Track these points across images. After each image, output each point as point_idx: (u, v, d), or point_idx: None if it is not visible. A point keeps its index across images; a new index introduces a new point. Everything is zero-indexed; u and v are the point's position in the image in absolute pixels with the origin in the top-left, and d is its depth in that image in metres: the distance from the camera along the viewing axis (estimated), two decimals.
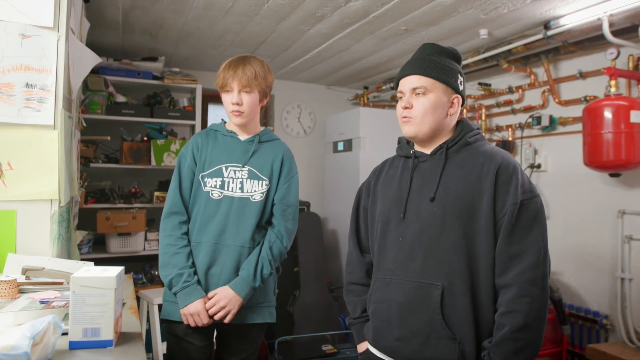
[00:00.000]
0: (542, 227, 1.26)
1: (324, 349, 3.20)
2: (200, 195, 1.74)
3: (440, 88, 1.34)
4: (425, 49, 1.41)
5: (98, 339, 1.01)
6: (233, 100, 1.73)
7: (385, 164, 1.54)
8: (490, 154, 1.32)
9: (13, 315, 1.19)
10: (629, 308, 2.75)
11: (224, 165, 1.75)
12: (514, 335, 1.19)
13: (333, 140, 4.43)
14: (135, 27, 3.13)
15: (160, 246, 1.72)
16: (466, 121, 1.42)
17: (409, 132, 1.38)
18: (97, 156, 3.47)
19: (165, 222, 1.73)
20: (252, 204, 1.74)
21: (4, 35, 1.58)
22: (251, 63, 1.75)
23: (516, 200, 1.24)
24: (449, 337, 1.24)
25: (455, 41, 3.16)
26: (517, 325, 1.18)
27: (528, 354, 1.20)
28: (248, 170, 1.75)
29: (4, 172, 1.59)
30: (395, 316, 1.32)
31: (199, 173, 1.75)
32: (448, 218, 1.28)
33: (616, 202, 2.85)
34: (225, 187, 1.73)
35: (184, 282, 1.64)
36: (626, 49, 2.66)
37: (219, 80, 1.76)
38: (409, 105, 1.36)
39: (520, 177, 1.27)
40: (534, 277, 1.21)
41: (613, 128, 2.54)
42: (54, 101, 1.64)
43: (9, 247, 1.59)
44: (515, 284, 1.21)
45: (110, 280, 1.02)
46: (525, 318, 1.18)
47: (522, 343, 1.19)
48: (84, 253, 3.20)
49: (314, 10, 2.74)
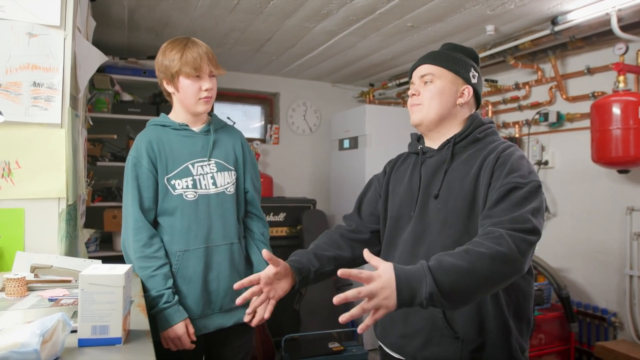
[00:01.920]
0: (536, 206, 1.14)
1: (330, 347, 3.20)
2: (171, 200, 1.61)
3: (448, 76, 1.35)
4: (442, 46, 1.44)
5: (107, 337, 1.01)
6: (207, 86, 1.62)
7: (399, 159, 1.53)
8: (493, 147, 1.28)
9: (22, 313, 1.20)
10: (638, 305, 2.73)
11: (189, 163, 1.64)
12: (460, 249, 1.07)
13: (339, 138, 4.43)
14: (141, 26, 3.13)
15: (134, 267, 1.54)
16: (477, 115, 1.38)
17: (415, 119, 1.38)
18: (103, 155, 3.48)
19: (133, 240, 1.56)
20: (228, 197, 1.68)
21: (11, 35, 1.58)
22: (201, 43, 1.65)
23: (505, 182, 1.16)
24: (452, 336, 1.22)
25: (462, 37, 3.14)
26: (470, 247, 1.05)
27: (457, 277, 1.01)
28: (215, 162, 1.68)
29: (12, 171, 1.59)
30: (399, 314, 1.30)
31: (163, 177, 1.61)
32: (449, 215, 1.26)
33: (625, 199, 2.82)
34: (198, 185, 1.63)
35: (165, 302, 1.52)
36: (635, 44, 2.64)
37: (188, 63, 1.58)
38: (416, 93, 1.37)
39: (517, 163, 1.20)
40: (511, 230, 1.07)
41: (622, 124, 2.52)
42: (61, 100, 1.65)
43: (17, 245, 1.60)
44: (490, 225, 1.10)
45: (119, 278, 1.02)
46: (481, 247, 1.04)
47: (464, 262, 1.02)
48: (92, 251, 3.21)
49: (319, 8, 2.73)
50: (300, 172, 4.69)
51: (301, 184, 4.67)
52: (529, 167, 1.23)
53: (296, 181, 4.65)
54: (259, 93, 4.66)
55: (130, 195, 1.60)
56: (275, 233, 3.90)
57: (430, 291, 0.99)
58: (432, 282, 0.99)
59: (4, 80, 1.58)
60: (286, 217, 3.96)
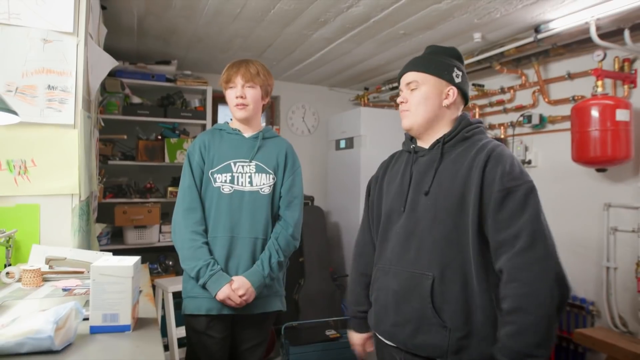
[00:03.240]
0: (534, 210, 1.18)
1: (327, 334, 3.20)
2: (210, 192, 1.72)
3: (431, 81, 1.34)
4: (425, 50, 1.44)
5: (117, 324, 1.01)
6: (237, 94, 1.72)
7: (392, 159, 1.53)
8: (482, 146, 1.28)
9: (38, 302, 1.20)
10: (614, 295, 2.74)
11: (232, 161, 1.73)
12: (506, 319, 1.14)
13: (335, 139, 4.42)
14: (149, 33, 3.12)
15: (181, 240, 1.67)
16: (465, 115, 1.38)
17: (405, 124, 1.39)
18: (114, 154, 3.48)
19: (185, 217, 1.69)
20: (262, 197, 1.73)
21: (27, 41, 1.58)
22: (254, 63, 1.77)
23: (501, 187, 1.18)
24: (440, 325, 1.22)
25: (451, 44, 3.10)
26: (507, 309, 1.13)
27: (528, 338, 1.10)
28: (255, 164, 1.74)
29: (28, 169, 1.59)
30: (391, 303, 1.32)
31: (208, 170, 1.73)
32: (439, 211, 1.26)
33: (602, 196, 2.83)
34: (235, 181, 1.71)
35: (211, 270, 1.63)
36: (612, 51, 2.64)
37: (224, 77, 1.76)
38: (404, 100, 1.38)
39: (508, 165, 1.20)
40: (524, 262, 1.13)
41: (600, 126, 2.52)
42: (74, 102, 1.65)
43: (33, 239, 1.60)
44: (505, 269, 1.15)
45: (128, 269, 1.03)
46: (513, 302, 1.12)
47: (516, 327, 1.11)
48: (103, 244, 3.21)
49: (317, 16, 2.72)
50: None
51: None
52: (520, 167, 1.23)
53: None
54: None
55: (187, 179, 1.72)
56: None
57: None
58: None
59: (20, 84, 1.58)
60: None
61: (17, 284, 1.37)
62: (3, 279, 1.37)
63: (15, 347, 0.84)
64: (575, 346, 2.90)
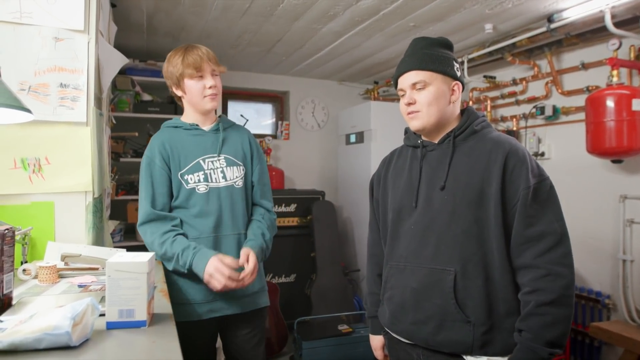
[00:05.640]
0: (556, 207, 1.22)
1: (339, 329, 3.20)
2: (184, 194, 1.62)
3: (438, 79, 1.30)
4: (417, 44, 1.35)
5: (133, 320, 1.02)
6: (210, 84, 1.63)
7: (394, 155, 1.50)
8: (497, 140, 1.27)
9: (54, 298, 1.21)
10: (631, 288, 2.71)
11: (200, 159, 1.65)
12: (540, 310, 1.14)
13: (345, 133, 4.41)
14: (159, 30, 3.13)
15: (152, 246, 1.56)
16: (472, 109, 1.37)
17: (416, 126, 1.33)
18: (126, 151, 3.50)
19: (146, 227, 1.58)
20: (237, 190, 1.68)
21: (39, 39, 1.59)
22: (205, 47, 1.66)
23: (528, 185, 1.20)
24: (463, 320, 1.21)
25: (461, 36, 3.11)
26: (543, 300, 1.14)
27: (559, 330, 1.14)
28: (224, 157, 1.68)
29: (42, 167, 1.61)
30: (410, 301, 1.30)
31: (176, 172, 1.62)
32: (459, 205, 1.25)
33: (618, 188, 2.79)
34: (209, 179, 1.64)
35: (193, 249, 1.53)
36: (628, 39, 2.59)
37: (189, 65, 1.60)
38: (412, 101, 1.31)
39: (529, 162, 1.23)
40: (557, 257, 1.17)
41: (615, 116, 2.48)
42: (86, 100, 1.65)
43: (48, 236, 1.61)
44: (537, 265, 1.17)
45: (143, 265, 1.03)
46: (551, 294, 1.14)
47: (551, 318, 1.14)
48: (116, 241, 3.24)
49: (326, 10, 2.71)
50: (310, 165, 4.68)
51: (311, 176, 4.66)
52: (536, 162, 1.26)
53: (306, 174, 4.64)
54: (270, 92, 4.65)
55: (143, 191, 1.62)
56: (287, 223, 3.90)
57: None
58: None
59: (33, 82, 1.59)
60: (297, 208, 3.96)
61: (34, 280, 1.38)
62: (20, 275, 1.39)
63: (33, 342, 0.85)
64: (591, 340, 2.87)
